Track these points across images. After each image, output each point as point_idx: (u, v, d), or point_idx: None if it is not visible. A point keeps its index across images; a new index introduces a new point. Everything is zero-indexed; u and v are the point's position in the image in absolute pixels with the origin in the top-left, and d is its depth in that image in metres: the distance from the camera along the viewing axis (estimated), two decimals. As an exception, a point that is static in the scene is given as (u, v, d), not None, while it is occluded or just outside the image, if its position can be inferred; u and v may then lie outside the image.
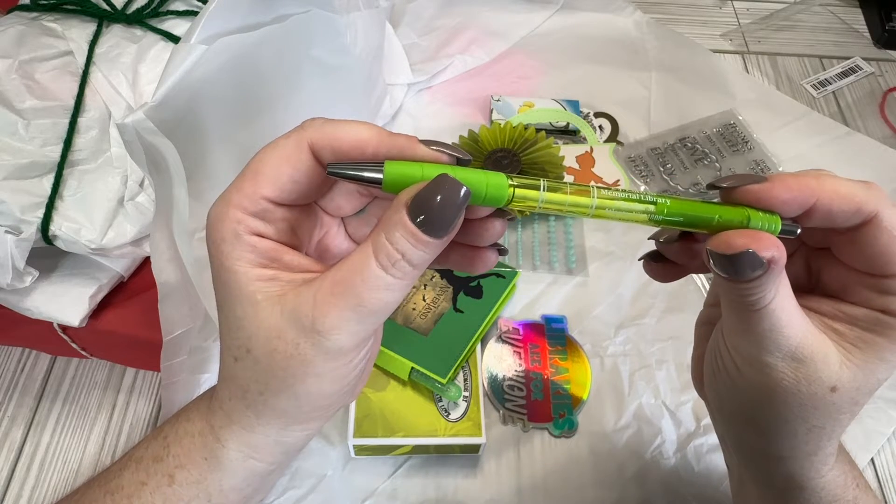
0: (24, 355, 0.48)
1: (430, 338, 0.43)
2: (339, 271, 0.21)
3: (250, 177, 0.22)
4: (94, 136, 0.41)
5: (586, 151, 0.55)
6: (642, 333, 0.48)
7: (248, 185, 0.22)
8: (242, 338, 0.22)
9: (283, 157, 0.22)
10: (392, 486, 0.42)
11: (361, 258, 0.21)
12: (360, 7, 0.47)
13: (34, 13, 0.45)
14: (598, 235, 0.53)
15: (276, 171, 0.22)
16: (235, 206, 0.22)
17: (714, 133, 0.60)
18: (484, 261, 0.25)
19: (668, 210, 0.23)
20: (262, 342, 0.22)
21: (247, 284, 0.22)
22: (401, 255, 0.20)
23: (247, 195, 0.22)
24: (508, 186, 0.21)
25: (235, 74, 0.37)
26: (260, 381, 0.23)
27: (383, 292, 0.21)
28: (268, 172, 0.22)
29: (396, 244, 0.20)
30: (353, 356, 0.23)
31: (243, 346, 0.23)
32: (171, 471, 0.26)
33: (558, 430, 0.43)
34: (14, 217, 0.37)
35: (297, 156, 0.22)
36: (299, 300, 0.21)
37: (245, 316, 0.22)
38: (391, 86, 0.59)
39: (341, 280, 0.21)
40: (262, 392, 0.23)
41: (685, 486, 0.42)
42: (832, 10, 0.74)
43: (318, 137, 0.22)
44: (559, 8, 0.70)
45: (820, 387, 0.23)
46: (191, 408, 0.27)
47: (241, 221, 0.22)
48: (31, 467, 0.43)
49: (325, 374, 0.22)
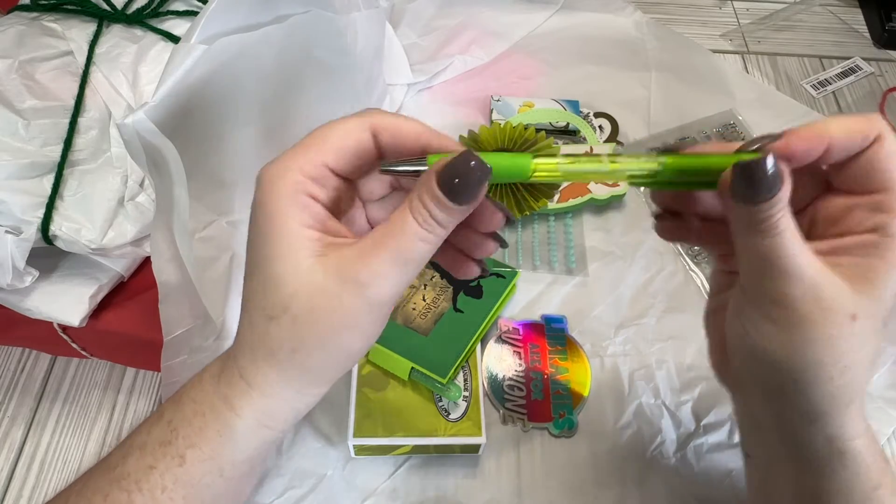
0: (24, 355, 0.48)
1: (430, 338, 0.43)
2: (378, 231, 0.24)
3: (315, 144, 0.25)
4: (95, 137, 0.41)
5: (586, 151, 0.55)
6: (642, 333, 0.48)
7: (312, 151, 0.24)
8: (283, 295, 0.24)
9: (347, 132, 0.25)
10: (392, 485, 0.42)
11: (400, 215, 0.24)
12: (360, 7, 0.47)
13: (34, 13, 0.45)
14: (597, 235, 0.53)
15: (341, 143, 0.25)
16: (297, 168, 0.24)
17: (714, 133, 0.60)
18: (484, 248, 0.28)
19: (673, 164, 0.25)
20: (303, 299, 0.24)
21: (296, 241, 0.24)
22: (430, 214, 0.24)
23: (309, 160, 0.24)
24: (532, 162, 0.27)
25: (235, 74, 0.37)
26: (295, 339, 0.24)
27: (418, 243, 0.24)
28: (333, 142, 0.25)
29: (427, 205, 0.23)
30: (387, 309, 0.25)
31: (281, 304, 0.24)
32: (182, 451, 0.26)
33: (558, 430, 0.43)
34: (14, 217, 0.37)
35: (359, 134, 0.25)
36: (343, 257, 0.24)
37: (287, 272, 0.24)
38: (391, 86, 0.59)
39: (382, 235, 0.24)
40: (296, 350, 0.25)
41: (685, 486, 0.42)
42: (832, 10, 0.74)
43: (381, 122, 0.25)
44: (559, 8, 0.70)
45: (842, 315, 0.24)
46: (193, 389, 0.27)
47: (300, 182, 0.24)
48: (32, 467, 0.43)
49: (362, 326, 0.25)
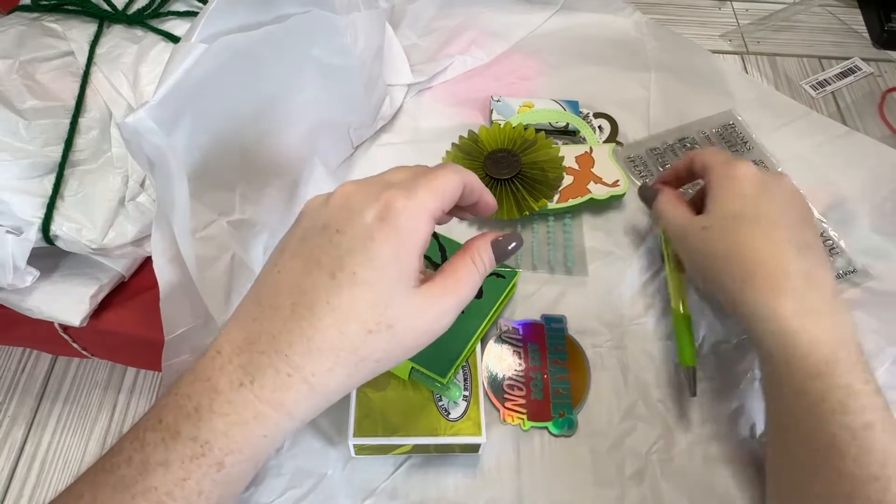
0: (24, 355, 0.48)
1: (430, 337, 0.43)
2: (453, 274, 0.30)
3: (438, 190, 0.29)
4: (95, 137, 0.41)
5: (586, 152, 0.55)
6: (642, 333, 0.48)
7: (439, 197, 0.29)
8: (390, 315, 0.27)
9: (458, 184, 0.30)
10: (392, 485, 0.42)
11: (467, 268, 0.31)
12: (360, 7, 0.47)
13: (35, 14, 0.45)
14: (597, 235, 0.53)
15: (454, 194, 0.30)
16: (432, 211, 0.29)
17: (713, 133, 0.60)
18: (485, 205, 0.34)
19: None
20: (407, 320, 0.28)
21: (413, 272, 0.28)
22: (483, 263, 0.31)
23: (439, 207, 0.29)
24: None
25: (236, 74, 0.37)
26: (387, 350, 0.28)
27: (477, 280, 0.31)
28: (450, 192, 0.30)
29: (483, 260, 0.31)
30: None
31: (386, 322, 0.27)
32: (220, 459, 0.27)
33: (558, 430, 0.43)
34: (15, 217, 0.37)
35: (460, 190, 0.30)
36: (434, 290, 0.29)
37: (400, 294, 0.27)
38: (391, 86, 0.59)
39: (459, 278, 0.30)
40: (381, 360, 0.28)
41: (685, 486, 0.42)
42: (831, 10, 0.74)
43: (467, 179, 0.31)
44: (559, 9, 0.70)
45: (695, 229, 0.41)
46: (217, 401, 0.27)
47: (429, 224, 0.29)
48: (32, 467, 0.43)
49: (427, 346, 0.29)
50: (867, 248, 0.52)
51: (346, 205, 0.28)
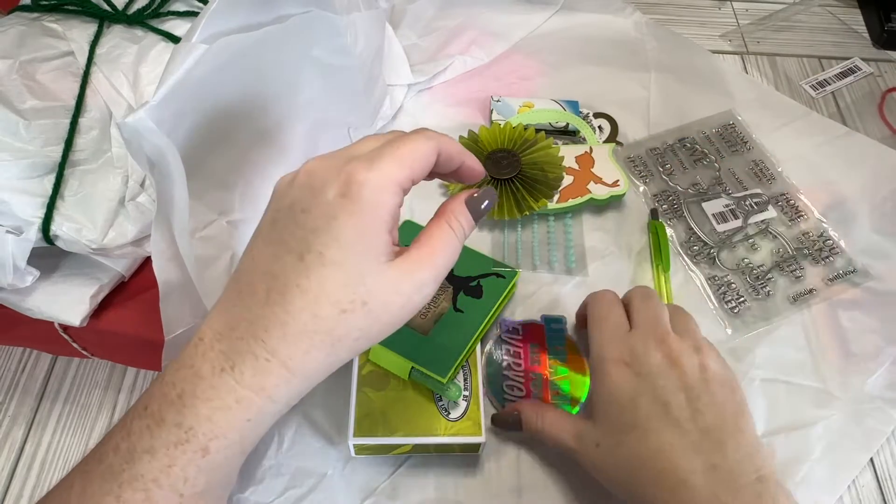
0: (24, 355, 0.48)
1: (430, 337, 0.43)
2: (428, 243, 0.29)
3: (409, 159, 0.28)
4: (95, 137, 0.41)
5: (585, 152, 0.55)
6: (642, 333, 0.48)
7: (407, 167, 0.28)
8: (362, 293, 0.27)
9: (429, 152, 0.29)
10: (392, 485, 0.42)
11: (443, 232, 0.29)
12: (360, 8, 0.47)
13: (35, 14, 0.45)
14: (597, 235, 0.53)
15: (425, 162, 0.29)
16: (398, 182, 0.27)
17: (713, 133, 0.60)
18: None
19: None
20: (381, 296, 0.27)
21: (383, 246, 0.27)
22: (461, 225, 0.30)
23: (407, 177, 0.28)
24: None
25: (236, 74, 0.37)
26: (363, 329, 0.27)
27: (456, 245, 0.30)
28: (420, 161, 0.28)
29: (461, 222, 0.30)
30: None
31: (360, 300, 0.27)
32: (205, 444, 0.27)
33: None
34: (15, 217, 0.37)
35: (434, 156, 0.29)
36: (409, 262, 0.28)
37: (372, 272, 0.27)
38: (391, 86, 0.59)
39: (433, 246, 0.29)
40: (357, 339, 0.27)
41: (685, 486, 0.42)
42: (831, 10, 0.74)
43: (444, 145, 0.30)
44: (559, 9, 0.70)
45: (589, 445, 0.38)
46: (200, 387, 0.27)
47: (398, 194, 0.28)
48: (32, 467, 0.43)
49: (410, 320, 0.29)
50: (867, 248, 0.52)
51: (310, 182, 0.28)
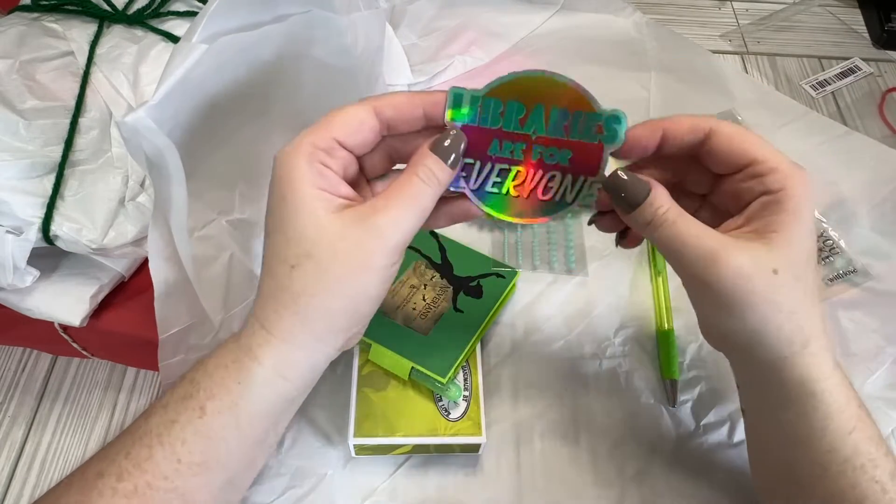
0: (24, 355, 0.48)
1: (430, 337, 0.43)
2: (388, 189, 0.29)
3: (324, 123, 0.29)
4: (95, 137, 0.41)
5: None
6: (642, 333, 0.48)
7: (321, 128, 0.29)
8: (305, 244, 0.28)
9: (352, 112, 0.29)
10: (392, 485, 0.42)
11: (406, 175, 0.29)
12: (360, 8, 0.47)
13: (35, 14, 0.45)
14: (597, 235, 0.53)
15: (345, 120, 0.29)
16: (309, 142, 0.28)
17: (713, 133, 0.60)
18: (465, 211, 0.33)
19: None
20: (326, 245, 0.28)
21: (314, 200, 0.28)
22: (429, 169, 0.29)
23: (319, 136, 0.29)
24: None
25: (236, 74, 0.37)
26: (318, 283, 0.28)
27: (424, 188, 0.29)
28: (339, 121, 0.29)
29: (427, 165, 0.29)
30: (400, 255, 0.30)
31: (304, 252, 0.28)
32: (203, 403, 0.29)
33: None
34: (15, 217, 0.37)
35: (363, 114, 0.29)
36: (359, 211, 0.28)
37: (308, 224, 0.28)
38: (391, 86, 0.59)
39: (392, 190, 0.29)
40: (317, 294, 0.28)
41: (685, 486, 0.42)
42: (831, 10, 0.74)
43: (380, 101, 0.30)
44: (559, 9, 0.70)
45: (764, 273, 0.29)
46: (217, 351, 0.30)
47: (312, 153, 0.28)
48: (32, 467, 0.43)
49: (379, 267, 0.29)
50: (867, 248, 0.52)
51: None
